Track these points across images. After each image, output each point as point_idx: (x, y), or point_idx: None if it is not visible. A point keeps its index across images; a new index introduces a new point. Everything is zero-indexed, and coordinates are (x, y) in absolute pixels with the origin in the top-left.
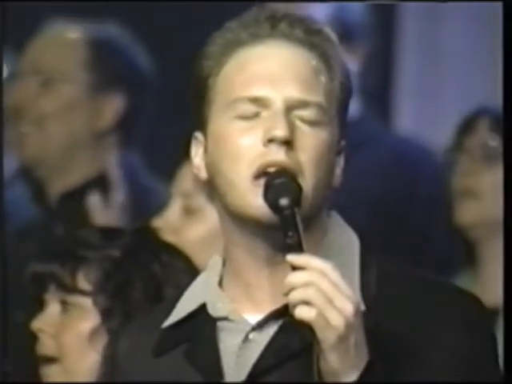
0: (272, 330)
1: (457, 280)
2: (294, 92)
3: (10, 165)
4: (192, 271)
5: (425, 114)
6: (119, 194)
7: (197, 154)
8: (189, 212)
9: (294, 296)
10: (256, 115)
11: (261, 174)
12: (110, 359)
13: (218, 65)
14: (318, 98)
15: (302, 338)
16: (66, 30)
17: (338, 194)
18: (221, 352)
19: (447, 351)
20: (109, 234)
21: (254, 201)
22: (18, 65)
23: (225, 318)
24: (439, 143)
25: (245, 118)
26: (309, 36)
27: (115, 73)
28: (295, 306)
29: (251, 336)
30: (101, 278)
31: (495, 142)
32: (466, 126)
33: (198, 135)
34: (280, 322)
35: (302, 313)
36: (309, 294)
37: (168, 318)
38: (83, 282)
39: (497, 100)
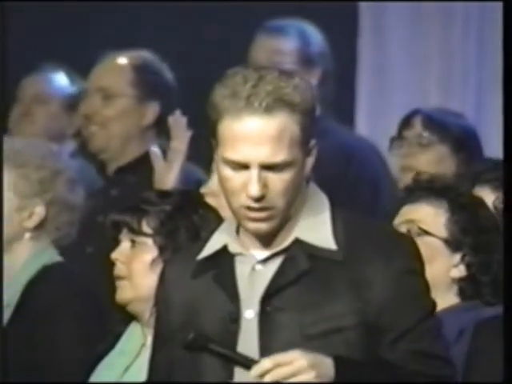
0: (273, 264)
1: None
2: (266, 157)
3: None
4: (220, 221)
5: (376, 113)
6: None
7: (214, 152)
8: None
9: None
10: (240, 168)
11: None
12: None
13: (220, 116)
14: (284, 156)
15: (297, 268)
16: (118, 58)
17: None
18: (237, 277)
19: (391, 274)
20: (163, 194)
21: (247, 222)
22: (87, 85)
23: (240, 254)
24: (388, 134)
25: (233, 169)
26: (278, 98)
27: (152, 87)
28: None
29: (257, 267)
30: (158, 225)
31: (425, 133)
32: (405, 122)
33: (213, 141)
34: (279, 259)
35: None
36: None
37: (201, 253)
38: (146, 227)
39: (429, 101)
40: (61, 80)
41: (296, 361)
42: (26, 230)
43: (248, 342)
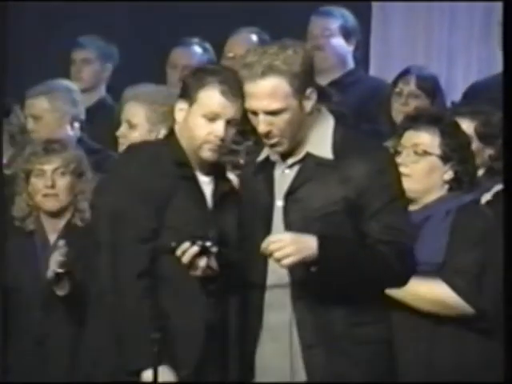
0: (294, 169)
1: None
2: (265, 107)
3: None
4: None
5: (382, 68)
6: None
7: None
8: None
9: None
10: (255, 114)
11: None
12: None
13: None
14: (278, 105)
15: (308, 173)
16: (244, 33)
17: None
18: (275, 175)
19: (367, 173)
20: (241, 133)
21: (268, 146)
22: (224, 50)
23: (277, 161)
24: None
25: (252, 114)
26: (269, 67)
27: None
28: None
29: (285, 171)
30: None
31: (418, 90)
32: (402, 77)
33: None
34: (298, 166)
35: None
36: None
37: (258, 158)
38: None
39: (417, 61)
40: (197, 50)
41: (283, 239)
42: None
43: (278, 221)
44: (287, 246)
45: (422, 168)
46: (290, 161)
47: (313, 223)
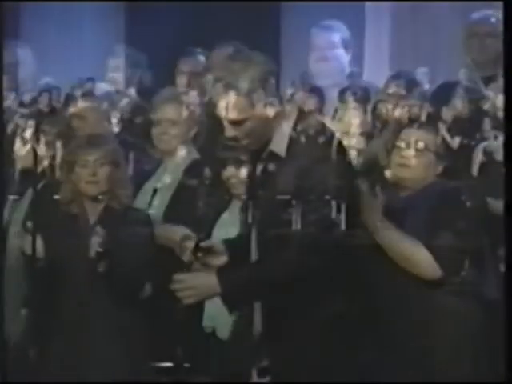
0: (264, 164)
1: None
2: (229, 117)
3: None
4: None
5: (378, 74)
6: None
7: None
8: None
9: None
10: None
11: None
12: None
13: None
14: (235, 115)
15: (270, 168)
16: (223, 47)
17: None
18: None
19: (311, 169)
20: None
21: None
22: (207, 63)
23: None
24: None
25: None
26: (229, 84)
27: None
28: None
29: (262, 164)
30: None
31: (406, 91)
32: (391, 81)
33: None
34: (266, 162)
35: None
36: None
37: None
38: None
39: (404, 64)
40: (202, 58)
41: (185, 281)
42: (184, 142)
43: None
44: (186, 288)
45: (421, 162)
46: (263, 156)
47: (275, 212)
